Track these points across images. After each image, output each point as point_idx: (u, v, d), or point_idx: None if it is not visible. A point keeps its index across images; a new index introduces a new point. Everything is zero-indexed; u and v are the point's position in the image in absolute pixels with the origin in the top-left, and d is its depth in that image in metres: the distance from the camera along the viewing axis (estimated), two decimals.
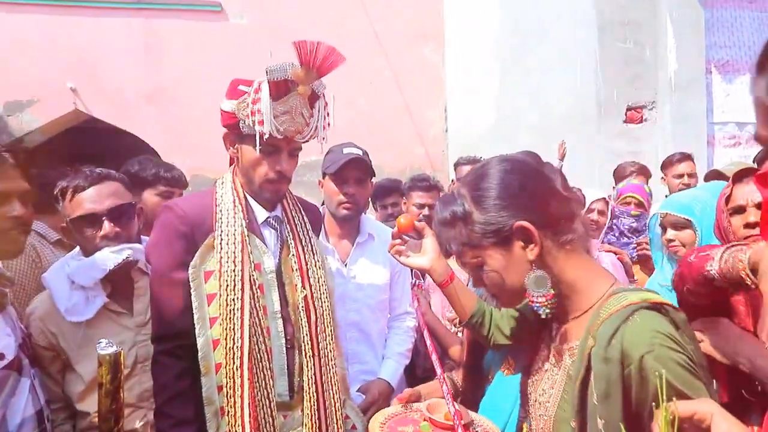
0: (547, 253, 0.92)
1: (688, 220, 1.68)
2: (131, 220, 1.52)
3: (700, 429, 0.65)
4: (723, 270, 1.16)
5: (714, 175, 2.44)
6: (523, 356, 1.14)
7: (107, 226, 1.44)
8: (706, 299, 1.32)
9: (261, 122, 1.32)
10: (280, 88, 1.33)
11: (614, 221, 2.64)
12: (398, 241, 1.27)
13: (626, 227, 2.59)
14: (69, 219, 1.46)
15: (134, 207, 1.56)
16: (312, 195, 2.79)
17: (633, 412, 0.80)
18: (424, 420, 1.22)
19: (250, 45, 4.83)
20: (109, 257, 1.41)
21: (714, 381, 1.31)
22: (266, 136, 1.33)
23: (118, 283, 1.49)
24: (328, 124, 1.46)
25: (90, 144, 5.33)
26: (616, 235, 2.62)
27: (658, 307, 0.83)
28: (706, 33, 5.32)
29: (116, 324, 1.47)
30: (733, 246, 1.19)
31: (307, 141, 1.45)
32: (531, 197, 0.93)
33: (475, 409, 1.35)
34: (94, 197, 1.44)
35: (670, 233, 1.74)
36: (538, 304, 0.92)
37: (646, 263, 2.60)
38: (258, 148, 1.35)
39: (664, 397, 0.61)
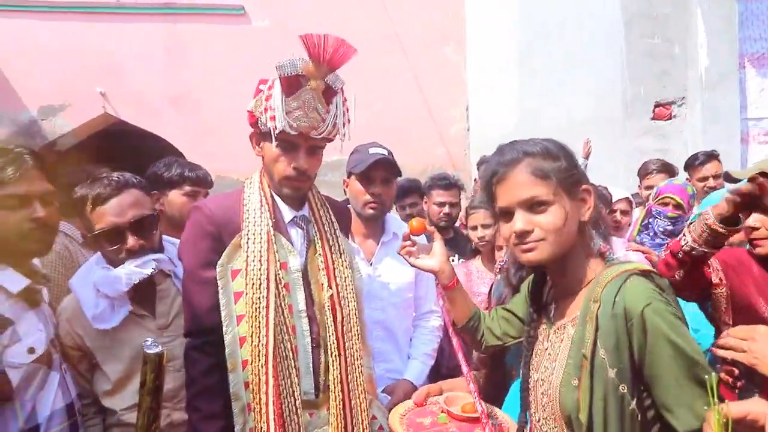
0: (590, 222, 1.04)
1: None
2: (153, 230, 1.50)
3: (755, 429, 0.64)
4: (695, 237, 1.36)
5: (726, 177, 2.33)
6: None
7: (131, 240, 1.41)
8: (688, 280, 1.48)
9: (273, 118, 1.33)
10: (293, 84, 1.32)
11: (650, 220, 2.49)
12: (409, 242, 1.32)
13: (661, 229, 2.43)
14: (91, 232, 1.44)
15: (155, 216, 1.53)
16: (334, 194, 2.78)
17: (635, 363, 0.93)
18: (442, 412, 1.30)
19: (272, 47, 4.87)
20: (134, 272, 1.40)
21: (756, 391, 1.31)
22: (277, 131, 1.33)
23: (142, 288, 1.48)
24: (348, 121, 1.45)
25: (119, 146, 5.47)
26: (650, 235, 2.48)
27: (646, 274, 0.98)
28: (740, 26, 5.13)
29: (140, 326, 1.48)
30: (691, 222, 1.41)
31: (326, 138, 1.42)
32: (583, 172, 1.07)
33: (498, 406, 1.41)
34: (116, 209, 1.41)
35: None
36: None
37: None
38: (273, 144, 1.36)
39: (716, 400, 0.59)
